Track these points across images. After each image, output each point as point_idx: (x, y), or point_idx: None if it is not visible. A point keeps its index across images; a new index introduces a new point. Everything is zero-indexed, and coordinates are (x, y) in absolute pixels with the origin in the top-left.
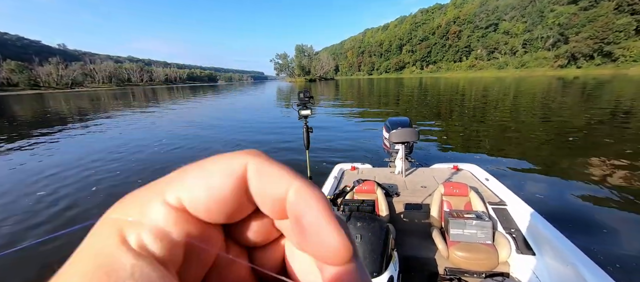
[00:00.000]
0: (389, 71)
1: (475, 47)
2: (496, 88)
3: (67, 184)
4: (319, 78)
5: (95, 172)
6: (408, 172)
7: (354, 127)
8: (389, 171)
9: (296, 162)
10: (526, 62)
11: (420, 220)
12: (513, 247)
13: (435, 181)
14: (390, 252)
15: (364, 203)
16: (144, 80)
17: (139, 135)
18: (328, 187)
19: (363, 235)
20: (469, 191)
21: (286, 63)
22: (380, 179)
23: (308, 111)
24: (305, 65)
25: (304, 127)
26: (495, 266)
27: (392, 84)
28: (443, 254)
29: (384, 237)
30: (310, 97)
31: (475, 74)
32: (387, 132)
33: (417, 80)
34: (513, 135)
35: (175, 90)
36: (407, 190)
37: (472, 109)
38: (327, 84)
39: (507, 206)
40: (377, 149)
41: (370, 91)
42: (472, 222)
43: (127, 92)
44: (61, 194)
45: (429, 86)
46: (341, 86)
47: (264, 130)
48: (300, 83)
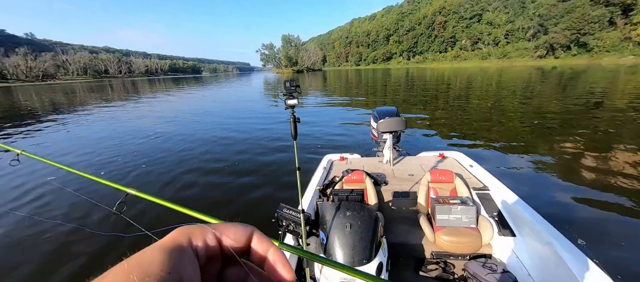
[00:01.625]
0: (376, 62)
1: (460, 37)
2: (480, 78)
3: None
4: (307, 69)
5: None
6: (396, 161)
7: (342, 117)
8: (378, 160)
9: (283, 152)
10: (508, 53)
11: (408, 207)
12: (495, 230)
13: (422, 168)
14: (380, 239)
15: (353, 192)
16: (122, 72)
17: (121, 129)
18: (317, 177)
19: (352, 224)
20: (454, 177)
21: (273, 54)
22: (369, 168)
23: (295, 101)
24: (292, 56)
25: (291, 117)
26: (478, 249)
27: (379, 74)
28: (430, 238)
29: (373, 225)
30: (297, 87)
31: (460, 65)
32: (375, 122)
33: (404, 71)
34: (496, 123)
35: (156, 82)
36: (395, 178)
37: (457, 99)
38: (315, 75)
39: (490, 191)
40: (365, 138)
41: (358, 82)
42: (457, 208)
43: (105, 85)
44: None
45: (415, 77)
46: (329, 77)
47: (250, 124)
48: (287, 74)
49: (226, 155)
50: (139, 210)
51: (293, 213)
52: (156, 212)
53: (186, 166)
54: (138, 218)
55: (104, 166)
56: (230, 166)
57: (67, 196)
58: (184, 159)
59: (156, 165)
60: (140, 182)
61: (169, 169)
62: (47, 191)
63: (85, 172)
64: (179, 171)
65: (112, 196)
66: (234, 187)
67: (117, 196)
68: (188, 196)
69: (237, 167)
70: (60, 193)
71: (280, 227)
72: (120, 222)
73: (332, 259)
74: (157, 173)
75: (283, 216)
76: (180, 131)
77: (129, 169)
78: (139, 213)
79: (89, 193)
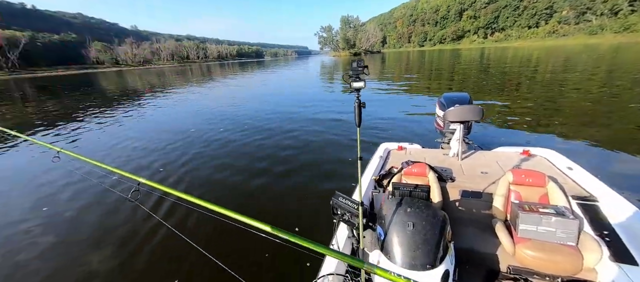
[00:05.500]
0: (443, 42)
1: (559, 8)
2: (584, 59)
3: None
4: (364, 51)
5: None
6: (465, 155)
7: (400, 103)
8: (442, 152)
9: (336, 136)
10: (633, 25)
11: (479, 210)
12: (605, 253)
13: (500, 166)
14: (447, 243)
15: (418, 188)
16: (199, 57)
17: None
18: (373, 167)
19: (415, 223)
20: (547, 181)
21: (330, 36)
22: (431, 161)
23: (361, 83)
24: (350, 38)
25: (356, 101)
26: (577, 272)
27: (446, 56)
28: (507, 250)
29: (440, 227)
30: (365, 68)
31: (556, 42)
32: (441, 110)
33: (478, 52)
34: (603, 118)
35: (226, 66)
36: (464, 175)
37: (548, 85)
38: (373, 57)
39: (598, 202)
40: (426, 128)
41: (421, 64)
42: (550, 219)
43: (186, 69)
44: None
45: (492, 58)
46: (388, 59)
47: (304, 106)
48: (345, 57)
49: (278, 139)
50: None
51: (350, 203)
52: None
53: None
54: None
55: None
56: (283, 149)
57: (97, 183)
58: (236, 140)
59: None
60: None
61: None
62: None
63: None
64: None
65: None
66: (281, 170)
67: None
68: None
69: (286, 148)
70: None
71: (334, 216)
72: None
73: (390, 258)
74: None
75: (338, 204)
76: (235, 114)
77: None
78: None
79: (109, 181)
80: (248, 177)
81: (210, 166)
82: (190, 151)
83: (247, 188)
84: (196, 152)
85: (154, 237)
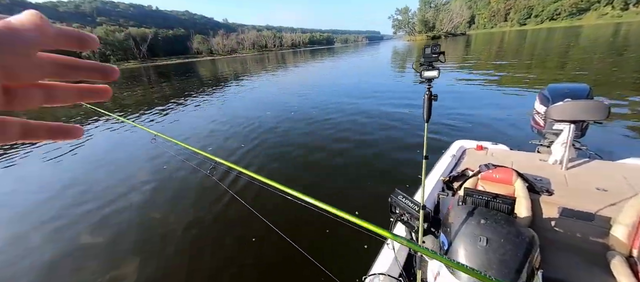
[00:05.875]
0: (556, 18)
1: None
2: None
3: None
4: (446, 34)
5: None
6: (573, 164)
7: (483, 94)
8: (539, 157)
9: (411, 135)
10: None
11: (586, 236)
12: None
13: (628, 183)
14: (533, 270)
15: (499, 199)
16: (276, 46)
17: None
18: (443, 166)
19: (490, 239)
20: None
21: (406, 19)
22: (521, 166)
23: (435, 73)
24: (429, 19)
25: (427, 92)
26: None
27: (557, 36)
28: None
29: (525, 249)
30: (440, 54)
31: None
32: (542, 104)
33: (610, 29)
34: None
35: (298, 54)
36: (567, 188)
37: None
38: (455, 40)
39: None
40: (516, 127)
41: (518, 48)
42: None
43: (264, 57)
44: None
45: (633, 37)
46: (474, 42)
47: (371, 94)
48: (420, 41)
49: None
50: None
51: (410, 204)
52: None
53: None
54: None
55: None
56: (343, 138)
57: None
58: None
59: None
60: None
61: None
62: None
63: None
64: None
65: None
66: (339, 162)
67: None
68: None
69: (342, 141)
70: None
71: (392, 214)
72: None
73: (453, 273)
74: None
75: (397, 203)
76: (296, 103)
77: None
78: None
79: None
80: (309, 163)
81: (276, 150)
82: (261, 135)
83: (306, 172)
84: (265, 136)
85: (228, 208)
